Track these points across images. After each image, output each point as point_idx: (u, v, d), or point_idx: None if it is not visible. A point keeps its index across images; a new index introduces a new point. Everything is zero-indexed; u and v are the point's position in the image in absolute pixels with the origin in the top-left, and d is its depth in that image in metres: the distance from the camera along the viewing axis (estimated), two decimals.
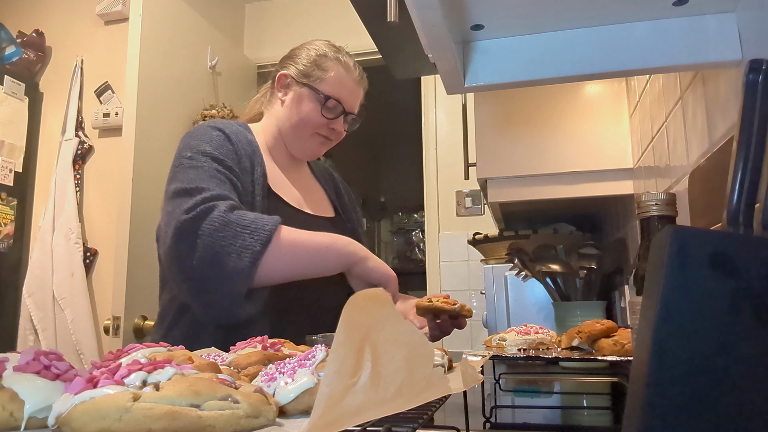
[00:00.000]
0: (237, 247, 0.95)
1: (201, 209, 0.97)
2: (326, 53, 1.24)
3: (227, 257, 0.95)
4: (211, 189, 1.01)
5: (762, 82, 0.39)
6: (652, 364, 0.32)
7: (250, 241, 0.95)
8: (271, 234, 0.97)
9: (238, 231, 0.95)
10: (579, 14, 0.79)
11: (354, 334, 0.38)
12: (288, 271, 1.02)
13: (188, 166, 1.05)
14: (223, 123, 1.18)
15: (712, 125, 0.85)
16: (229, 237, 0.95)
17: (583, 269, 1.40)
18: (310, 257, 1.03)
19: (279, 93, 1.25)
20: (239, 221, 0.97)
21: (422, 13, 0.70)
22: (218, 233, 0.95)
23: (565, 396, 1.10)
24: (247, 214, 0.99)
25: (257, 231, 0.96)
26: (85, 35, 2.85)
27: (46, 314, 2.50)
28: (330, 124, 1.22)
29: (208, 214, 0.96)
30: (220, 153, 1.08)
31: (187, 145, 1.11)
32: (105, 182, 2.66)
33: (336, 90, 1.22)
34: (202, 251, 0.95)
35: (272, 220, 1.00)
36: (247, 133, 1.20)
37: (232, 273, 0.95)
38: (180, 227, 0.96)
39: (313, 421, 0.33)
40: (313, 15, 3.27)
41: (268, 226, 0.98)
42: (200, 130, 1.14)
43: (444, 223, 2.99)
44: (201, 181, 1.02)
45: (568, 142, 1.47)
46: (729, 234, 0.38)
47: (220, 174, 1.04)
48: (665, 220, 0.66)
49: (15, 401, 0.41)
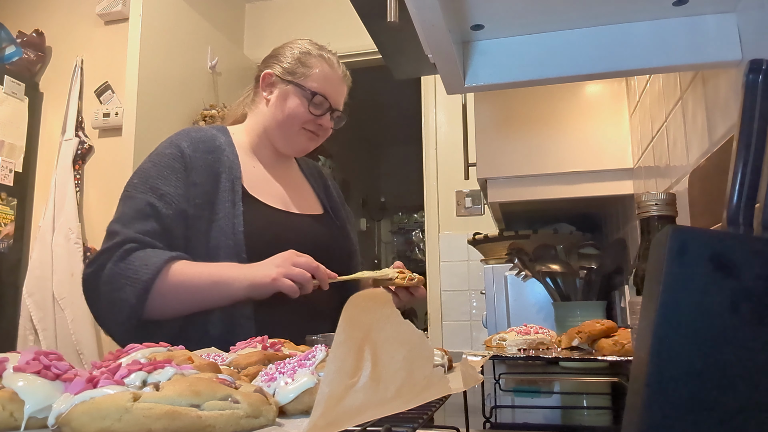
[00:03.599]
0: (119, 300, 1.01)
1: (99, 263, 1.03)
2: (310, 51, 1.26)
3: (112, 308, 1.02)
4: (123, 231, 1.05)
5: (762, 82, 0.39)
6: (652, 364, 0.32)
7: (128, 292, 1.00)
8: (148, 284, 1.00)
9: (121, 283, 1.01)
10: (579, 14, 0.79)
11: (354, 334, 0.38)
12: (175, 310, 1.05)
13: (125, 197, 1.12)
14: (189, 133, 1.19)
15: (712, 125, 0.85)
16: (115, 290, 1.01)
17: (583, 269, 1.40)
18: (194, 296, 1.05)
19: (264, 92, 1.26)
20: (123, 271, 1.01)
21: (422, 13, 0.70)
22: (105, 287, 1.02)
23: (565, 396, 1.10)
24: (134, 262, 1.02)
25: (136, 282, 1.00)
26: (85, 35, 2.85)
27: (46, 314, 2.50)
28: (317, 120, 1.23)
29: (104, 267, 1.02)
30: (161, 178, 1.10)
31: (141, 166, 1.15)
32: (105, 182, 2.66)
33: (322, 86, 1.23)
34: (99, 301, 1.04)
35: (157, 263, 1.01)
36: (220, 137, 1.21)
37: (120, 322, 1.02)
38: (84, 280, 1.06)
39: (313, 421, 0.33)
40: (313, 15, 3.27)
41: (147, 275, 1.00)
42: (159, 148, 1.17)
43: (444, 223, 2.99)
44: (122, 218, 1.08)
45: (568, 142, 1.47)
46: (729, 234, 0.38)
47: (147, 207, 1.07)
48: (665, 220, 0.66)
49: (15, 401, 0.41)
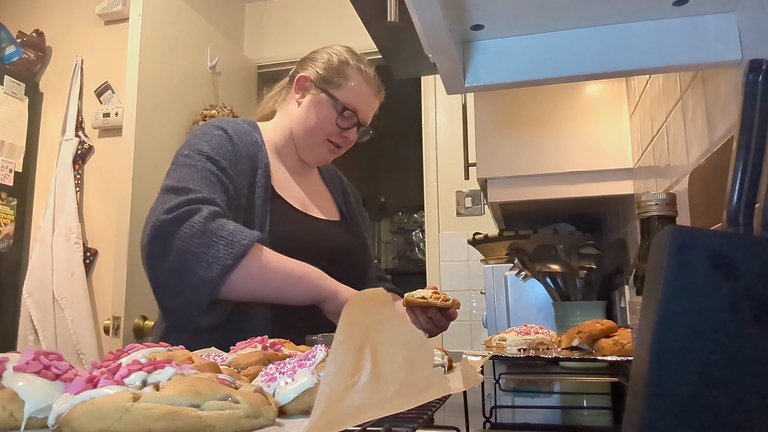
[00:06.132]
0: (209, 256, 0.93)
1: (182, 211, 0.95)
2: (348, 60, 1.22)
3: (197, 265, 0.93)
4: (199, 191, 0.99)
5: (762, 82, 0.39)
6: (652, 364, 0.32)
7: (223, 252, 0.93)
8: (246, 249, 0.95)
9: (213, 240, 0.93)
10: (579, 14, 0.79)
11: (354, 334, 0.38)
12: (254, 291, 0.99)
13: (183, 164, 1.05)
14: (229, 122, 1.17)
15: (712, 125, 0.85)
16: (204, 245, 0.93)
17: (583, 269, 1.40)
18: (279, 283, 1.01)
19: (296, 95, 1.23)
20: (217, 231, 0.94)
21: (422, 13, 0.70)
22: (194, 239, 0.93)
23: (565, 396, 1.10)
24: (227, 225, 0.96)
25: (232, 244, 0.94)
26: (85, 35, 2.85)
27: (46, 314, 2.50)
28: (343, 132, 1.21)
29: (189, 218, 0.95)
30: (217, 153, 1.07)
31: (188, 142, 1.10)
32: (105, 182, 2.66)
33: (354, 100, 1.20)
34: (174, 254, 0.94)
35: (251, 235, 0.97)
36: (254, 132, 1.19)
37: (198, 282, 0.93)
38: (158, 226, 0.95)
39: (313, 421, 0.33)
40: (313, 15, 3.27)
41: (245, 241, 0.95)
42: (204, 128, 1.13)
43: (444, 223, 2.99)
44: (191, 181, 1.01)
45: (568, 142, 1.47)
46: (729, 234, 0.38)
47: (213, 176, 1.03)
48: (665, 220, 0.66)
49: (15, 401, 0.41)
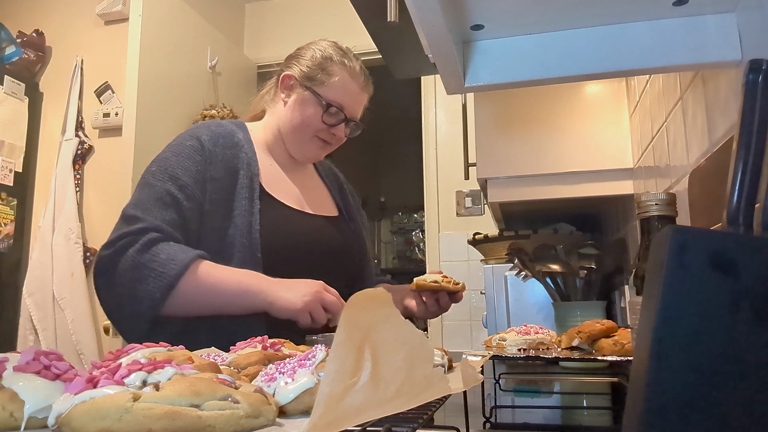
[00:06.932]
0: (140, 291, 0.97)
1: (119, 245, 0.99)
2: (332, 56, 1.21)
3: (130, 300, 0.98)
4: (144, 219, 1.02)
5: (762, 82, 0.39)
6: (652, 364, 0.32)
7: (153, 286, 0.97)
8: (175, 280, 0.97)
9: (144, 274, 0.97)
10: (578, 14, 0.79)
11: (354, 334, 0.38)
12: (195, 311, 1.02)
13: (144, 183, 1.09)
14: (209, 126, 1.17)
15: (712, 125, 0.85)
16: (135, 280, 0.97)
17: (583, 269, 1.40)
18: (218, 302, 1.02)
19: (282, 94, 1.23)
20: (149, 263, 0.97)
21: (422, 14, 0.70)
22: (127, 274, 0.98)
23: (565, 396, 1.10)
24: (160, 254, 0.98)
25: (162, 276, 0.97)
26: (85, 35, 2.85)
27: (46, 314, 2.50)
28: (331, 129, 1.21)
29: (125, 252, 0.99)
30: (181, 168, 1.08)
31: (160, 156, 1.13)
32: (105, 182, 2.66)
33: (339, 96, 1.19)
34: (115, 289, 1.00)
35: (183, 261, 0.98)
36: (239, 133, 1.19)
37: (132, 315, 0.99)
38: (98, 263, 1.01)
39: (313, 421, 0.33)
40: (313, 15, 3.27)
41: (173, 272, 0.97)
42: (179, 139, 1.15)
43: (444, 223, 2.99)
44: (143, 204, 1.04)
45: (568, 142, 1.47)
46: (729, 234, 0.38)
47: (168, 196, 1.05)
48: (665, 220, 0.66)
49: (15, 401, 0.41)
